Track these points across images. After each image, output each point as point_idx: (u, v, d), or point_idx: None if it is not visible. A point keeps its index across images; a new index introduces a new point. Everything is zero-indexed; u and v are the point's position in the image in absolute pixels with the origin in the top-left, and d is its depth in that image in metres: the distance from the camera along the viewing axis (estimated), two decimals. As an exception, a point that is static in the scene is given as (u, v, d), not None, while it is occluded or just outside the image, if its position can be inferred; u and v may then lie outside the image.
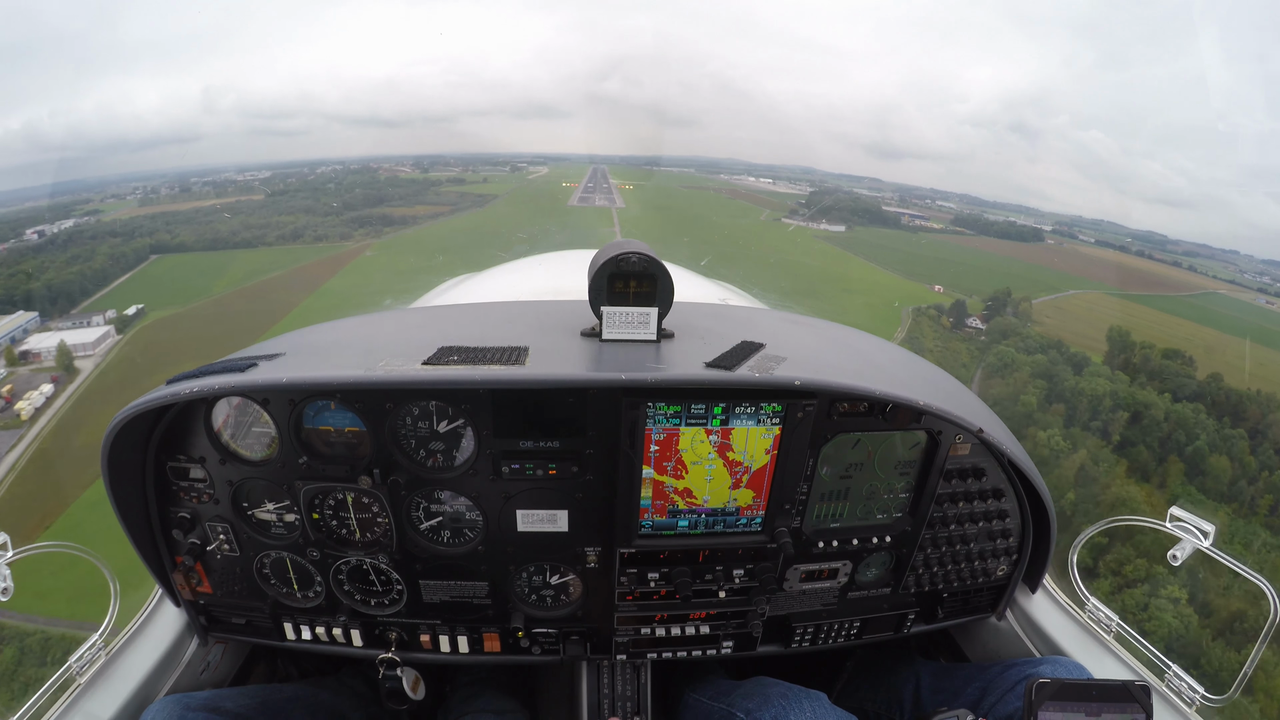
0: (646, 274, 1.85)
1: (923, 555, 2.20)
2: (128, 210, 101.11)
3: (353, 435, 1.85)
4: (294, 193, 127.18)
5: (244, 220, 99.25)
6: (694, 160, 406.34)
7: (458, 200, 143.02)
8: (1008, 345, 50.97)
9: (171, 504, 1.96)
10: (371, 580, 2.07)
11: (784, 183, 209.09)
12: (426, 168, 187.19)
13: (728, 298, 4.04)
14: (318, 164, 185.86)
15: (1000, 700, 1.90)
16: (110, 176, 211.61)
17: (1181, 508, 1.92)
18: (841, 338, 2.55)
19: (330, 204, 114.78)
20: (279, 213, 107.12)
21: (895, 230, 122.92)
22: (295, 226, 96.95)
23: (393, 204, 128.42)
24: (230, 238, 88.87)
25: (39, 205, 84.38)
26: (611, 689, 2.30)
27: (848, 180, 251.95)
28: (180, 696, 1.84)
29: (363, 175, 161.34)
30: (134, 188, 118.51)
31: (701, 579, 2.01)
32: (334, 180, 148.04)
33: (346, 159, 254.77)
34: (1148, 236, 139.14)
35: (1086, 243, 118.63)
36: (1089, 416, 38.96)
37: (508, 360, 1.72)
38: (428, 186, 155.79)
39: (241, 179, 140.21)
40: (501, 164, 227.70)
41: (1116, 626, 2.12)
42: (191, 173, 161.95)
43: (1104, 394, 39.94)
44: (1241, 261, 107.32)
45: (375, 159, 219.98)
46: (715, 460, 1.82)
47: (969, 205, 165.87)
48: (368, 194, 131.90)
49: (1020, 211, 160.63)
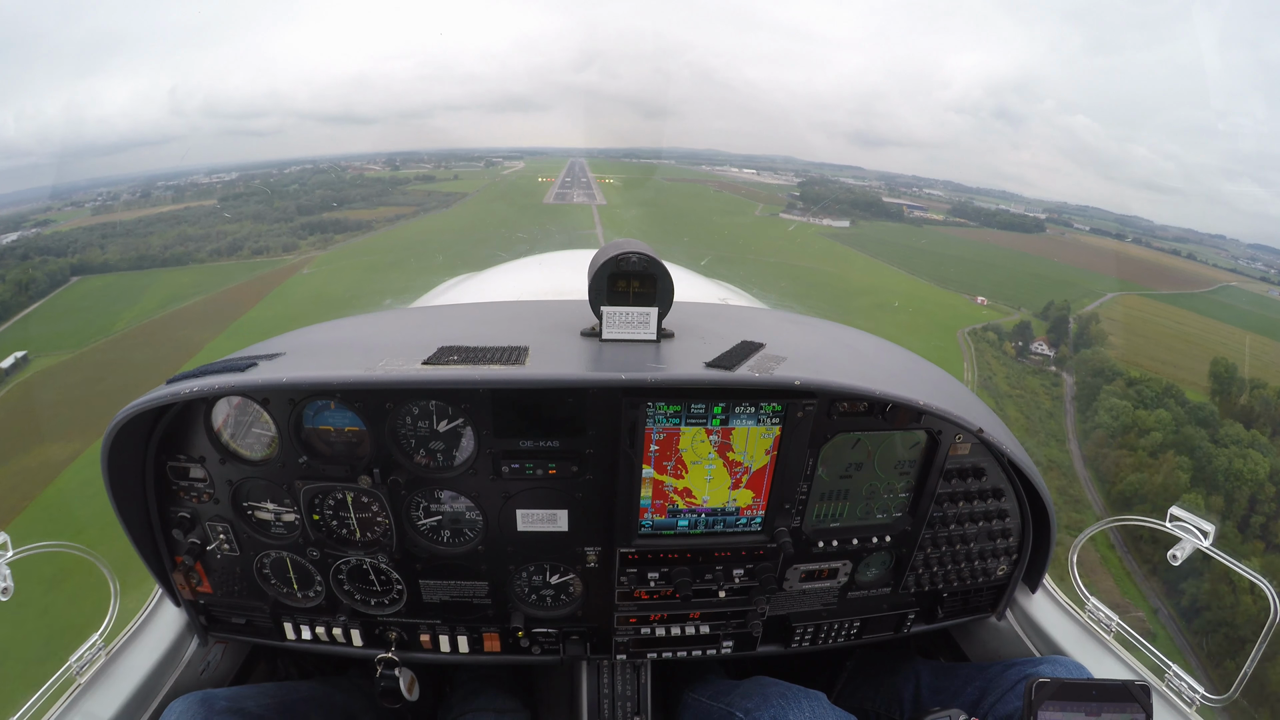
0: (646, 274, 1.85)
1: (923, 555, 2.20)
2: (82, 219, 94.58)
3: (353, 435, 1.85)
4: (249, 196, 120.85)
5: (181, 233, 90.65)
6: (674, 152, 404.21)
7: (423, 200, 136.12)
8: (1111, 392, 37.96)
9: (171, 504, 1.96)
10: (371, 580, 2.07)
11: (768, 173, 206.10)
12: (398, 165, 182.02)
13: (728, 297, 4.04)
14: (288, 164, 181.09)
15: (1000, 700, 1.90)
16: (81, 182, 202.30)
17: (1181, 507, 1.92)
18: (841, 337, 2.55)
19: (283, 209, 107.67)
20: (226, 220, 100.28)
21: (899, 224, 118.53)
22: (236, 237, 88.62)
23: (353, 206, 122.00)
24: (160, 254, 79.60)
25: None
26: (611, 689, 2.30)
27: (831, 169, 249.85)
28: (203, 695, 1.84)
29: (328, 175, 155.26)
30: (98, 194, 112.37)
31: (701, 579, 2.01)
32: (298, 181, 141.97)
33: (317, 158, 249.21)
34: (1133, 221, 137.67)
35: (1082, 230, 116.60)
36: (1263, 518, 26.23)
37: (508, 360, 1.72)
38: (394, 185, 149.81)
39: (206, 182, 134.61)
40: (476, 160, 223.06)
41: (1116, 626, 2.12)
42: (158, 176, 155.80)
43: (1264, 477, 27.79)
44: (1230, 246, 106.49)
45: (346, 157, 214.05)
46: (715, 460, 1.82)
47: (955, 193, 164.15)
48: (328, 195, 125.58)
49: (1004, 198, 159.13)
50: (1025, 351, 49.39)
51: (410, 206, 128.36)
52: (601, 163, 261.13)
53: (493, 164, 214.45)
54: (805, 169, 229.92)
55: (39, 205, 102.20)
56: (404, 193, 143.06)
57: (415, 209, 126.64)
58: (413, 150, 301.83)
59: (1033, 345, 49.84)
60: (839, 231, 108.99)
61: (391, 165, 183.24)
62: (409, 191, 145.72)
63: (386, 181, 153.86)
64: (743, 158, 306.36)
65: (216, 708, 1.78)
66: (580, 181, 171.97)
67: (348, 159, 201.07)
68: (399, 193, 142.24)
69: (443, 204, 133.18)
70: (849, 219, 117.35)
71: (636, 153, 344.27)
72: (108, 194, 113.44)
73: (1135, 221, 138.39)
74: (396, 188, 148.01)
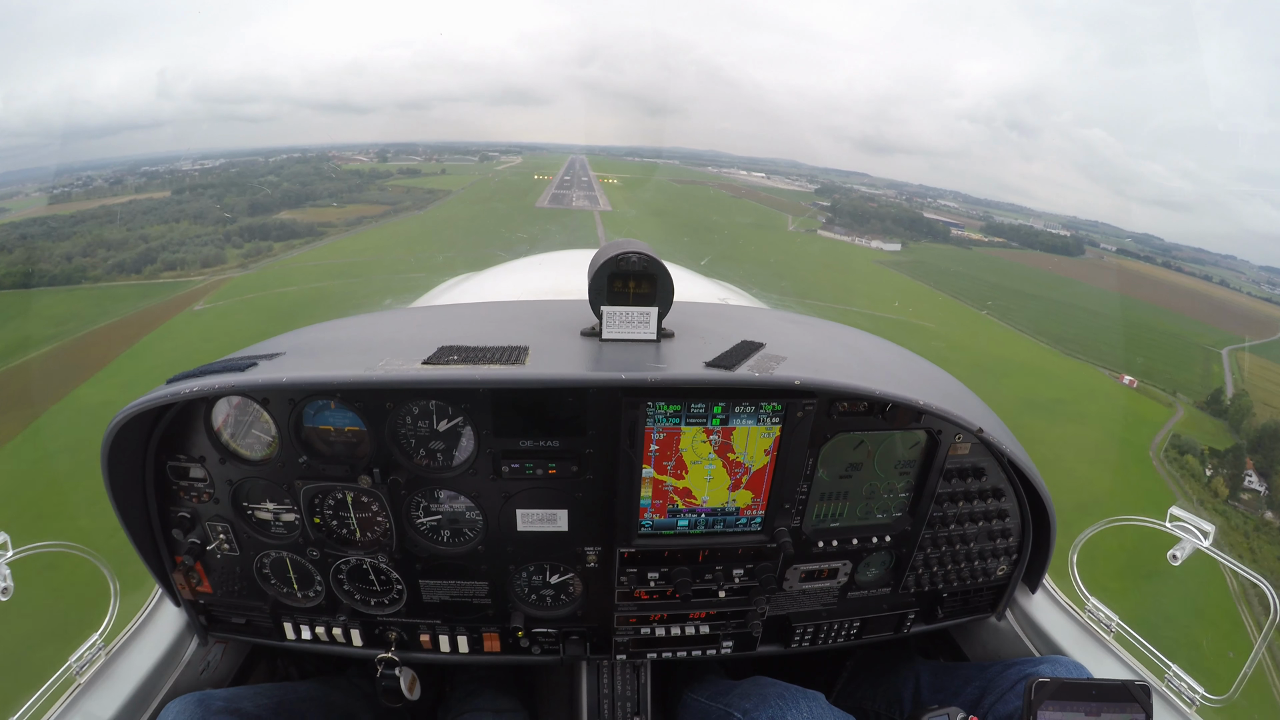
0: (646, 274, 1.85)
1: (922, 555, 2.20)
2: (36, 208, 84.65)
3: (353, 435, 1.85)
4: (205, 189, 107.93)
5: (97, 237, 76.40)
6: (678, 152, 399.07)
7: (400, 198, 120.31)
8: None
9: (171, 503, 1.96)
10: (371, 580, 2.07)
11: (778, 177, 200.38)
12: (388, 157, 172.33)
13: (728, 297, 4.04)
14: (276, 152, 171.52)
15: (1000, 700, 1.90)
16: (74, 164, 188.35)
17: (1181, 507, 1.93)
18: (841, 337, 2.55)
19: (232, 205, 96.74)
20: (159, 221, 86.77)
21: (946, 245, 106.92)
22: (155, 245, 75.38)
23: (319, 202, 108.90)
24: (55, 267, 64.16)
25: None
26: (611, 689, 2.30)
27: (839, 175, 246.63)
28: (200, 696, 1.83)
29: (306, 165, 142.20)
30: (73, 179, 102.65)
31: (701, 579, 2.01)
32: (275, 171, 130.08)
33: (308, 147, 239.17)
34: (1145, 239, 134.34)
35: (1109, 250, 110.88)
36: None
37: (507, 360, 1.72)
38: (373, 180, 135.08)
39: (187, 169, 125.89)
40: (471, 153, 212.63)
41: (1116, 626, 2.12)
42: (144, 161, 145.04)
43: None
44: (1241, 267, 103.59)
45: (339, 147, 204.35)
46: (715, 460, 1.82)
47: (968, 205, 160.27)
48: (293, 190, 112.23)
49: (1015, 211, 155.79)
50: (1236, 489, 34.01)
51: (382, 206, 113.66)
52: (603, 160, 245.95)
53: (488, 158, 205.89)
54: (812, 174, 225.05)
55: (8, 189, 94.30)
56: (381, 188, 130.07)
57: (387, 209, 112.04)
58: (409, 142, 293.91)
59: (1245, 477, 34.33)
60: (895, 259, 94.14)
61: (382, 157, 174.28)
62: (387, 187, 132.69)
63: (366, 175, 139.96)
64: (746, 160, 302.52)
65: (213, 708, 1.78)
66: (581, 181, 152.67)
67: (340, 149, 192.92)
68: (375, 188, 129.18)
69: (418, 205, 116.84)
70: (898, 240, 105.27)
71: (639, 151, 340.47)
72: (76, 180, 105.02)
73: (1147, 239, 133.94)
74: (374, 183, 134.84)
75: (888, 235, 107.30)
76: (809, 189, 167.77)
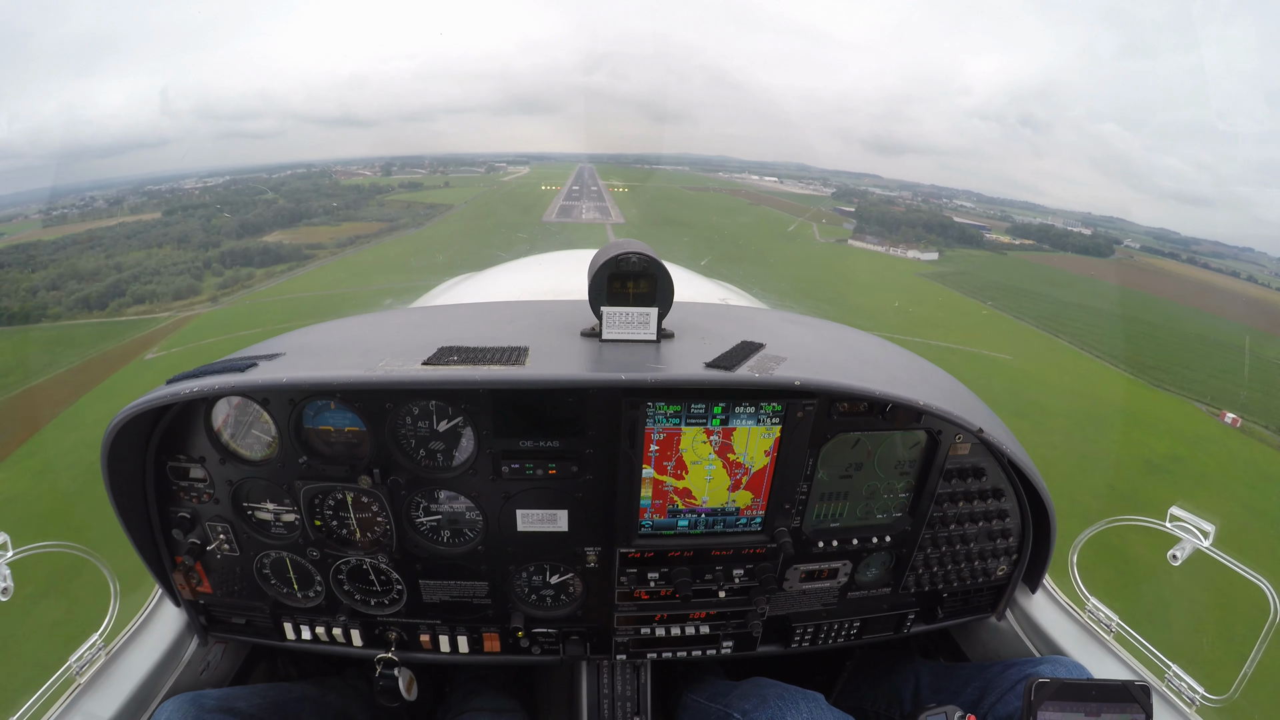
0: (646, 274, 1.85)
1: (923, 555, 2.20)
2: (28, 233, 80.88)
3: (353, 435, 1.85)
4: (196, 209, 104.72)
5: (69, 266, 70.81)
6: (687, 158, 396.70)
7: (399, 214, 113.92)
8: None
9: (171, 504, 1.96)
10: (371, 580, 2.07)
11: (791, 181, 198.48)
12: (392, 171, 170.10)
13: (728, 298, 4.04)
14: (281, 168, 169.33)
15: (1000, 700, 1.90)
16: (81, 184, 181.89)
17: (1181, 507, 1.92)
18: (841, 337, 2.55)
19: (221, 226, 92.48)
20: (146, 244, 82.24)
21: (981, 251, 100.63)
22: (129, 274, 69.52)
23: (313, 220, 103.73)
24: (9, 307, 58.58)
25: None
26: (611, 689, 2.30)
27: (849, 177, 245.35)
28: (194, 695, 1.83)
29: (309, 181, 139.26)
30: (75, 200, 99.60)
31: (701, 579, 2.01)
32: (274, 188, 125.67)
33: (312, 162, 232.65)
34: (1162, 234, 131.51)
35: (1135, 249, 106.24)
36: None
37: (508, 360, 1.72)
38: (372, 195, 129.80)
39: (190, 188, 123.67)
40: (477, 165, 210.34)
41: (1117, 626, 2.12)
42: (149, 180, 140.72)
43: None
44: (1260, 259, 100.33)
45: (343, 161, 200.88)
46: (715, 460, 1.82)
47: (983, 204, 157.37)
48: (287, 209, 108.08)
49: (1030, 209, 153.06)
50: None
51: (379, 224, 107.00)
52: (611, 168, 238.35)
53: (494, 169, 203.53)
54: (824, 177, 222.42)
55: (12, 211, 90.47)
56: (380, 204, 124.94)
57: (384, 227, 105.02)
58: (415, 155, 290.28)
59: None
60: (937, 269, 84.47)
61: (385, 170, 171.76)
62: (387, 203, 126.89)
63: (366, 190, 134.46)
64: (755, 164, 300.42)
65: (207, 707, 1.78)
66: (590, 191, 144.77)
67: (344, 163, 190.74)
68: (374, 204, 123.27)
69: (416, 221, 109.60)
70: (934, 248, 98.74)
71: (647, 158, 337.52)
72: (77, 201, 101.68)
73: (1164, 234, 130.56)
74: (374, 198, 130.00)
75: (921, 243, 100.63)
76: (824, 193, 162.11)
